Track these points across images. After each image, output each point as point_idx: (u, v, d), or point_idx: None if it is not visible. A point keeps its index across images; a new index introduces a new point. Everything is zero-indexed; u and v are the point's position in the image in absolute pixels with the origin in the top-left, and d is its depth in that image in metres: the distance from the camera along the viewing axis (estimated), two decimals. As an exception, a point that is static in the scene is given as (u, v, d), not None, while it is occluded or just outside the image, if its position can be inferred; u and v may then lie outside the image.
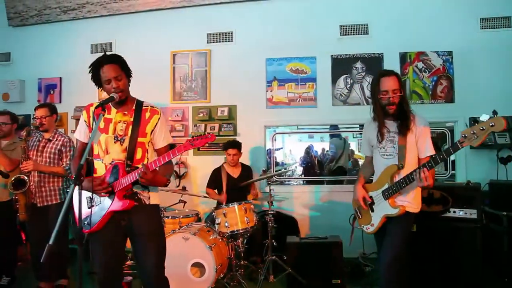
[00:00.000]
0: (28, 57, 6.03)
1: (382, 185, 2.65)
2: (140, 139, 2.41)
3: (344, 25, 5.18)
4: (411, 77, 5.00)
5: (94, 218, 2.36)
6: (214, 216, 4.05)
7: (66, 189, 3.75)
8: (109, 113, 2.44)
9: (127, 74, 2.44)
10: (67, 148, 3.74)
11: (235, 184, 4.56)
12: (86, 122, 2.47)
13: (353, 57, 5.16)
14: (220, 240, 3.89)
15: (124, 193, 2.34)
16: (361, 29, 5.15)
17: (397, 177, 2.58)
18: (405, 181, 2.51)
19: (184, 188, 4.48)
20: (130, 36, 5.70)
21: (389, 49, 5.07)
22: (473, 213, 3.42)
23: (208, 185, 4.70)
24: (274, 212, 4.13)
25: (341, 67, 5.19)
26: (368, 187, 2.80)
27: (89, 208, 2.40)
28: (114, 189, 2.33)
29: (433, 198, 3.57)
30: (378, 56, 5.10)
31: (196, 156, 5.45)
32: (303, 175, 7.67)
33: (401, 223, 2.58)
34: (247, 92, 5.35)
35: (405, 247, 2.56)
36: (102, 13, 5.77)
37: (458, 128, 4.86)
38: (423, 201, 2.79)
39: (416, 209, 2.63)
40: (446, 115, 4.94)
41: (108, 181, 2.35)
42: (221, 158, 5.13)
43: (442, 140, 5.16)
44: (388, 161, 2.65)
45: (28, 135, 3.73)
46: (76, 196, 2.30)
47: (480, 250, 3.39)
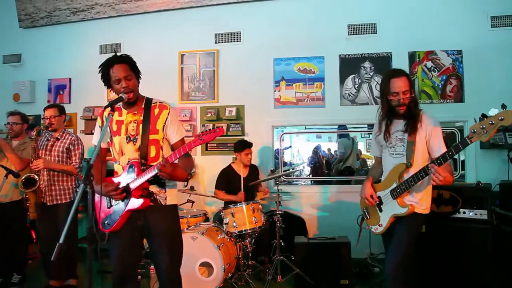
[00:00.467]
0: (38, 58, 6.10)
1: (391, 184, 2.62)
2: (152, 137, 2.42)
3: (352, 25, 5.15)
4: (420, 76, 4.96)
5: (114, 217, 2.38)
6: (222, 216, 4.07)
7: (76, 189, 3.79)
8: (120, 115, 2.47)
9: (137, 75, 2.46)
10: (75, 147, 3.78)
11: (244, 184, 4.54)
12: (100, 127, 2.51)
13: (361, 57, 5.13)
14: (228, 240, 3.90)
15: (140, 192, 2.35)
16: (369, 29, 5.12)
17: (405, 176, 2.55)
18: (414, 179, 2.47)
19: (192, 188, 4.51)
20: (138, 37, 5.73)
21: (398, 48, 5.03)
22: (483, 214, 3.38)
23: (217, 186, 4.62)
24: (282, 212, 4.15)
25: (349, 67, 5.16)
26: (376, 187, 2.77)
27: (108, 208, 2.43)
28: (130, 189, 2.35)
29: (442, 198, 3.53)
30: (387, 55, 5.07)
31: (204, 156, 5.46)
32: (311, 175, 7.65)
33: (409, 223, 2.55)
34: (255, 92, 5.34)
35: (412, 248, 2.53)
36: (110, 14, 5.82)
37: (468, 128, 4.75)
38: (433, 202, 2.75)
39: (425, 210, 2.59)
40: (455, 114, 4.88)
41: (123, 181, 2.38)
42: (229, 158, 5.14)
43: (452, 141, 5.10)
44: (397, 160, 2.62)
45: (38, 134, 3.78)
46: (95, 197, 2.35)
47: (490, 252, 3.34)
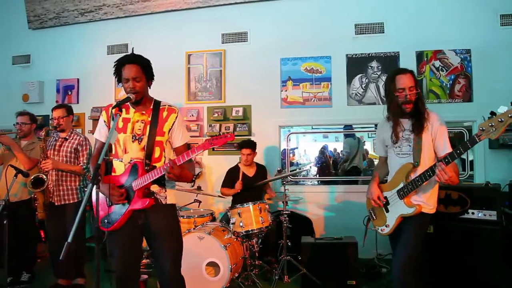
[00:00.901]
0: (47, 58, 6.15)
1: (397, 184, 2.61)
2: (158, 138, 2.44)
3: (359, 24, 5.12)
4: (428, 76, 4.92)
5: (114, 216, 2.40)
6: (229, 215, 4.07)
7: (84, 189, 3.81)
8: (127, 112, 2.47)
9: (148, 77, 2.46)
10: (83, 147, 3.80)
11: (250, 183, 4.56)
12: (105, 122, 2.51)
13: (369, 56, 5.11)
14: (234, 239, 3.90)
15: (143, 192, 2.38)
16: (377, 28, 5.08)
17: (412, 176, 2.54)
18: (421, 179, 2.45)
19: (199, 188, 4.52)
20: (145, 37, 5.76)
21: (405, 48, 4.99)
22: (492, 214, 3.33)
23: (223, 185, 4.67)
24: (289, 212, 4.14)
25: (357, 67, 5.13)
26: (382, 187, 2.76)
27: (109, 206, 2.44)
28: (133, 188, 2.37)
29: (450, 199, 3.49)
30: (394, 55, 5.03)
31: (211, 156, 5.47)
32: (317, 175, 7.64)
33: (417, 223, 2.54)
34: (261, 92, 5.34)
35: (419, 248, 2.51)
36: (118, 15, 5.85)
37: (476, 127, 4.73)
38: (441, 202, 2.74)
39: (432, 210, 2.58)
40: (464, 114, 4.83)
41: (126, 180, 2.39)
42: (236, 158, 5.14)
43: (460, 140, 5.06)
44: (403, 160, 2.61)
45: (47, 135, 3.81)
46: (97, 194, 2.35)
47: (500, 253, 3.30)
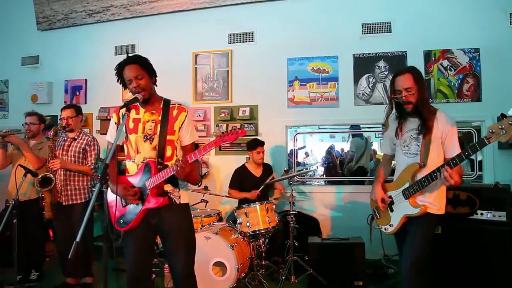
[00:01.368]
0: (56, 59, 6.20)
1: (403, 183, 2.58)
2: (169, 137, 2.44)
3: (366, 24, 5.09)
4: (435, 75, 4.88)
5: (129, 216, 2.41)
6: (235, 215, 4.07)
7: (92, 188, 3.84)
8: (137, 113, 2.48)
9: (150, 73, 2.46)
10: (91, 147, 3.83)
11: (257, 183, 4.55)
12: (116, 124, 2.52)
13: (376, 56, 5.08)
14: (241, 239, 3.91)
15: (156, 191, 2.39)
16: (384, 27, 5.05)
17: (418, 176, 2.51)
18: (427, 179, 2.42)
19: (206, 188, 4.53)
20: (153, 38, 5.79)
21: (413, 47, 4.95)
22: (502, 215, 3.30)
23: (231, 186, 4.65)
24: (296, 212, 4.14)
25: (364, 66, 5.11)
26: (387, 187, 2.74)
27: (123, 206, 2.46)
28: (147, 187, 2.38)
29: (459, 199, 3.47)
30: (402, 54, 5.00)
31: (218, 156, 5.48)
32: (324, 175, 7.61)
33: (423, 224, 2.50)
34: (268, 92, 5.34)
35: (427, 249, 2.49)
36: (125, 15, 5.89)
37: (485, 127, 4.70)
38: (449, 203, 2.71)
39: (439, 211, 2.54)
40: (472, 114, 4.78)
41: (139, 180, 2.41)
42: (242, 158, 5.14)
43: (469, 141, 5.01)
44: (410, 160, 2.58)
45: (56, 134, 3.85)
46: (112, 195, 2.37)
47: (509, 254, 3.26)
